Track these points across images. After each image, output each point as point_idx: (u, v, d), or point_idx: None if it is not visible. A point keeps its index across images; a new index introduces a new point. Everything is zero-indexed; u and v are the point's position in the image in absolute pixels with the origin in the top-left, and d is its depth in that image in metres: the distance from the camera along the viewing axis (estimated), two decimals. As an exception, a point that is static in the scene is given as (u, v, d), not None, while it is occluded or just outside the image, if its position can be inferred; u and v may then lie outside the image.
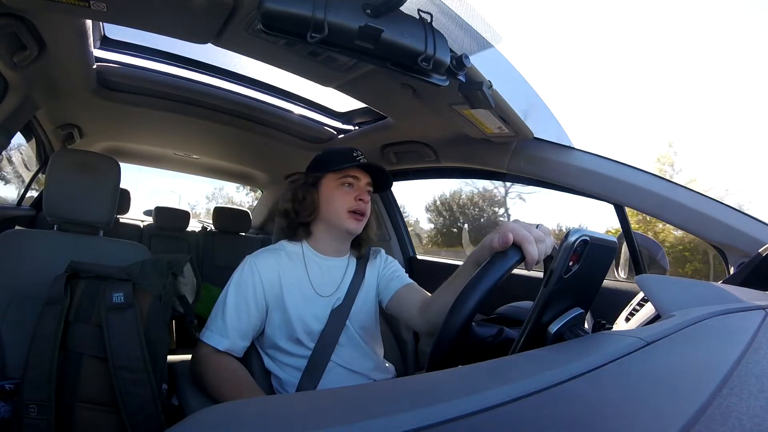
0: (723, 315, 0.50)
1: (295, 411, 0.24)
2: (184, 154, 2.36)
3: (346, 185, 0.94)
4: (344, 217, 0.93)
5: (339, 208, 0.93)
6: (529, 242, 0.51)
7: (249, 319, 0.87)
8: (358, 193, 0.93)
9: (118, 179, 1.13)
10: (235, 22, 0.85)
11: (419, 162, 1.57)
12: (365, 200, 0.94)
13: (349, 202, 0.93)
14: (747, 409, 0.26)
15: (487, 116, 1.04)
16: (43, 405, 0.72)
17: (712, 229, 0.95)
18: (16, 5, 0.85)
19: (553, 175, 1.17)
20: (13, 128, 1.39)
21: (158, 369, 0.80)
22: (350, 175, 0.94)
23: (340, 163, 0.93)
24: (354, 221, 0.93)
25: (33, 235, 1.04)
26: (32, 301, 0.87)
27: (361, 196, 0.93)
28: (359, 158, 0.94)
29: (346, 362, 0.91)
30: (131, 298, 0.80)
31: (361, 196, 0.93)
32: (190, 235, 2.71)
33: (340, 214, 0.93)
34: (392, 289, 0.97)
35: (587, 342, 0.43)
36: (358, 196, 0.93)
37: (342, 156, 0.95)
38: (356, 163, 0.93)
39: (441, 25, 0.74)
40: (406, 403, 0.24)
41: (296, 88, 1.50)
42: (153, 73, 1.36)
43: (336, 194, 0.93)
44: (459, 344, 0.47)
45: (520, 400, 0.25)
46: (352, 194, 0.93)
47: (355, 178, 0.94)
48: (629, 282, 1.13)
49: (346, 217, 0.92)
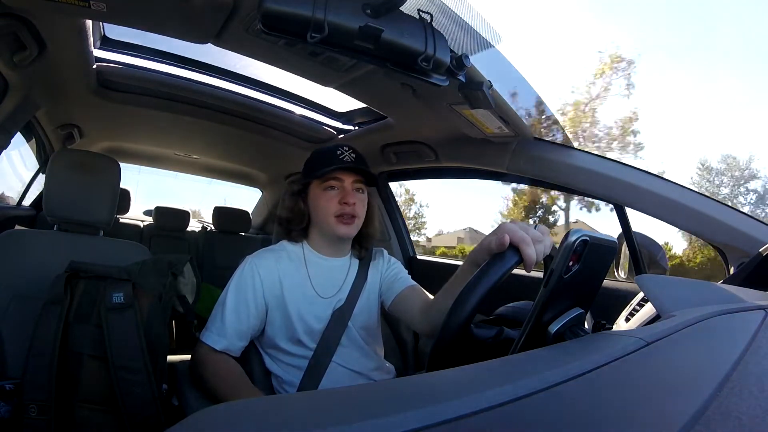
0: (723, 315, 0.50)
1: (295, 411, 0.24)
2: (184, 154, 2.36)
3: (329, 189, 0.90)
4: (332, 223, 0.89)
5: (325, 215, 0.90)
6: (526, 243, 0.51)
7: (248, 319, 0.87)
8: (342, 196, 0.89)
9: (118, 179, 1.13)
10: (235, 22, 0.85)
11: (419, 162, 1.57)
12: (350, 202, 0.89)
13: (334, 206, 0.89)
14: (747, 409, 0.26)
15: (487, 116, 1.04)
16: (43, 405, 0.72)
17: (712, 229, 0.95)
18: (16, 5, 0.85)
19: (553, 175, 1.17)
20: (13, 128, 1.39)
21: (158, 369, 0.80)
22: (332, 178, 0.89)
23: (323, 167, 0.89)
24: (343, 226, 0.90)
25: (33, 235, 1.04)
26: (32, 301, 0.87)
27: (346, 199, 0.88)
28: (343, 156, 0.89)
29: (347, 362, 0.91)
30: (131, 298, 0.80)
31: (346, 199, 0.88)
32: (190, 235, 2.71)
33: (327, 220, 0.90)
34: (395, 291, 0.96)
35: (587, 342, 0.43)
36: (343, 199, 0.89)
37: (324, 159, 0.90)
38: (335, 166, 0.88)
39: (441, 25, 0.74)
40: (406, 403, 0.24)
41: (296, 88, 1.51)
42: (153, 73, 1.36)
43: (321, 200, 0.90)
44: (458, 345, 0.47)
45: (520, 400, 0.25)
46: (336, 198, 0.89)
47: (337, 180, 0.90)
48: (629, 282, 1.13)
49: (334, 222, 0.89)
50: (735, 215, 0.94)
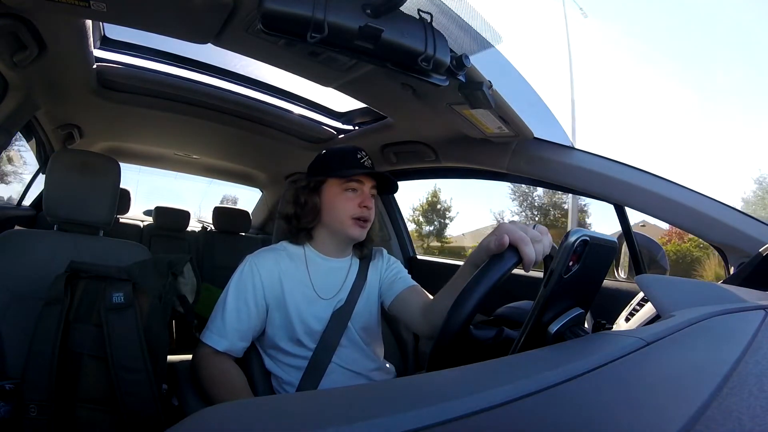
0: (723, 315, 0.50)
1: (295, 411, 0.24)
2: (184, 154, 2.36)
3: (350, 191, 0.90)
4: (348, 224, 0.90)
5: (342, 215, 0.90)
6: (525, 243, 0.51)
7: (249, 320, 0.87)
8: (362, 200, 0.90)
9: (118, 179, 1.13)
10: (235, 22, 0.85)
11: (419, 162, 1.57)
12: (369, 206, 0.90)
13: (353, 208, 0.89)
14: (747, 409, 0.26)
15: (487, 116, 1.04)
16: (43, 405, 0.72)
17: (712, 229, 0.95)
18: (16, 5, 0.85)
19: (553, 175, 1.17)
20: (13, 128, 1.39)
21: (158, 369, 0.79)
22: (355, 180, 0.90)
23: (344, 167, 0.90)
24: (358, 228, 0.90)
25: (33, 235, 1.04)
26: (32, 301, 0.87)
27: (366, 203, 0.89)
28: (363, 161, 0.90)
29: (346, 363, 0.91)
30: (131, 298, 0.80)
31: (366, 203, 0.89)
32: (190, 235, 2.71)
33: (343, 221, 0.90)
34: (395, 291, 0.96)
35: (587, 342, 0.43)
36: (362, 203, 0.89)
37: (346, 159, 0.90)
38: (361, 170, 0.89)
39: (441, 25, 0.74)
40: (406, 403, 0.24)
41: (296, 88, 1.50)
42: (153, 73, 1.36)
43: (339, 200, 0.90)
44: (458, 346, 0.47)
45: (520, 400, 0.25)
46: (356, 200, 0.90)
47: (359, 182, 0.91)
48: (629, 282, 1.13)
49: (350, 224, 0.90)
50: (735, 215, 0.94)
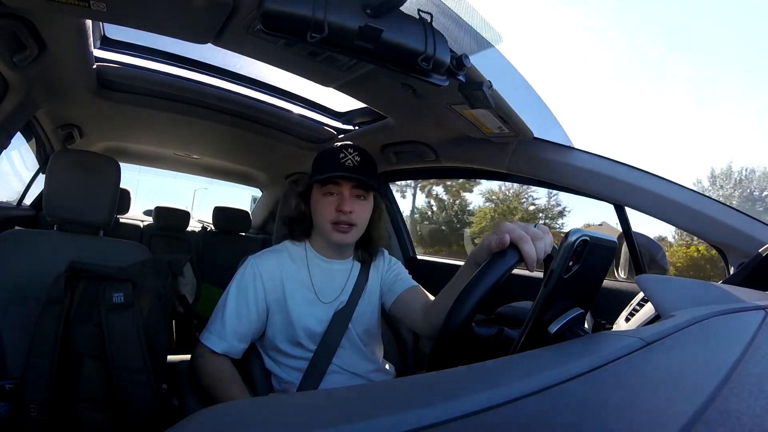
0: (723, 315, 0.50)
1: (295, 411, 0.24)
2: (184, 154, 2.36)
3: (328, 194, 0.87)
4: (328, 230, 0.87)
5: (322, 221, 0.88)
6: (525, 242, 0.51)
7: (249, 321, 0.87)
8: (338, 203, 0.86)
9: (118, 179, 1.13)
10: (235, 22, 0.85)
11: (419, 162, 1.57)
12: (346, 210, 0.85)
13: (330, 213, 0.86)
14: (747, 409, 0.26)
15: (487, 116, 1.04)
16: (43, 405, 0.72)
17: (712, 229, 0.95)
18: (16, 5, 0.85)
19: (553, 175, 1.17)
20: (13, 128, 1.39)
21: (158, 369, 0.80)
22: (331, 182, 0.87)
23: (323, 169, 0.86)
24: (338, 233, 0.87)
25: (33, 235, 1.04)
26: (32, 301, 0.87)
27: (342, 207, 0.85)
28: (345, 160, 0.86)
29: (346, 365, 0.90)
30: (131, 298, 0.80)
31: (342, 207, 0.85)
32: (190, 235, 2.72)
33: (323, 226, 0.88)
34: (396, 292, 0.96)
35: (587, 342, 0.43)
36: (339, 207, 0.86)
37: (327, 161, 0.87)
38: (334, 172, 0.85)
39: (441, 25, 0.74)
40: (406, 403, 0.24)
41: (296, 88, 1.50)
42: (153, 73, 1.36)
43: (319, 205, 0.88)
44: (458, 345, 0.47)
45: (520, 400, 0.25)
46: (334, 204, 0.86)
47: (336, 185, 0.87)
48: (629, 282, 1.13)
49: (329, 229, 0.87)
50: (735, 215, 0.94)
